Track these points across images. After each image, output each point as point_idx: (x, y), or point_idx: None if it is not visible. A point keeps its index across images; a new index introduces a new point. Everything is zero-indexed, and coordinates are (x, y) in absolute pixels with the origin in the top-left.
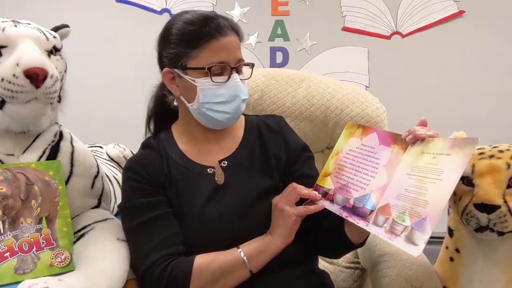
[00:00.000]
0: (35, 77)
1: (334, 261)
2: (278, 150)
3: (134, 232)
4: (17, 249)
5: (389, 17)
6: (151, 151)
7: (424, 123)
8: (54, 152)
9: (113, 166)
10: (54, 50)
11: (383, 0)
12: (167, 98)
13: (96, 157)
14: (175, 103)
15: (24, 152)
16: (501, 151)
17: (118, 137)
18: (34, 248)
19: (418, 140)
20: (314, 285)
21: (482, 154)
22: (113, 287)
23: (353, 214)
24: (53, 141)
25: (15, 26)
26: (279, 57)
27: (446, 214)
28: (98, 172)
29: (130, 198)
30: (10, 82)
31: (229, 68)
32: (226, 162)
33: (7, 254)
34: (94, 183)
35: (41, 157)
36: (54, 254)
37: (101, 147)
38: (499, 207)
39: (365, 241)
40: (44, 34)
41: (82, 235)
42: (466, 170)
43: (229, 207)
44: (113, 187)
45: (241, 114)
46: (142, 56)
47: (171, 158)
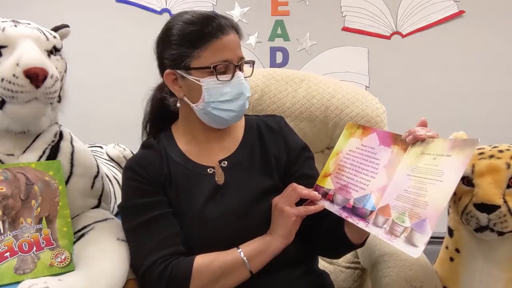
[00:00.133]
0: (35, 77)
1: (334, 261)
2: (278, 150)
3: (134, 232)
4: (17, 249)
5: (389, 17)
6: (151, 151)
7: (424, 124)
8: (54, 152)
9: (113, 166)
10: (54, 50)
11: (383, 0)
12: (167, 101)
13: (96, 157)
14: (178, 105)
15: (24, 152)
16: (501, 151)
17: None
18: (34, 248)
19: (418, 140)
20: (314, 285)
21: (482, 154)
22: (113, 287)
23: (353, 215)
24: (53, 141)
25: (15, 26)
26: (279, 57)
27: (446, 214)
28: (98, 172)
29: (130, 198)
30: (10, 82)
31: (232, 66)
32: (226, 162)
33: (7, 254)
34: (94, 183)
35: (41, 157)
36: (54, 254)
37: (101, 147)
38: (499, 207)
39: (365, 241)
40: (44, 34)
41: (82, 235)
42: (466, 170)
43: (229, 207)
44: (113, 187)
45: (244, 112)
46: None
47: (171, 158)
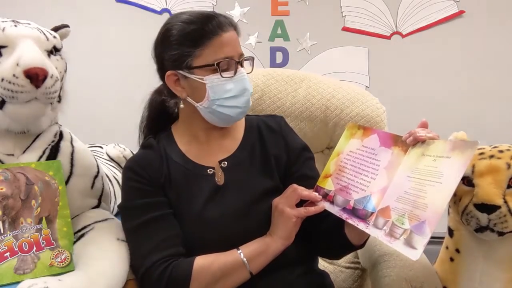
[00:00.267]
0: (35, 77)
1: (334, 261)
2: (278, 151)
3: (134, 232)
4: (17, 249)
5: (389, 17)
6: (151, 151)
7: (425, 125)
8: (54, 152)
9: (113, 166)
10: (54, 50)
11: (383, 0)
12: (168, 103)
13: (96, 157)
14: (182, 105)
15: (24, 152)
16: (501, 151)
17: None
18: (34, 248)
19: (419, 142)
20: (314, 285)
21: (482, 154)
22: (112, 287)
23: (353, 216)
24: (53, 141)
25: (15, 26)
26: (279, 57)
27: (446, 214)
28: (98, 172)
29: (130, 198)
30: (10, 82)
31: (234, 62)
32: (226, 163)
33: (7, 254)
34: (94, 183)
35: (41, 157)
36: (54, 254)
37: (101, 147)
38: (499, 207)
39: (365, 242)
40: (44, 34)
41: (82, 235)
42: (466, 170)
43: (229, 208)
44: (113, 187)
45: (249, 108)
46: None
47: (171, 158)
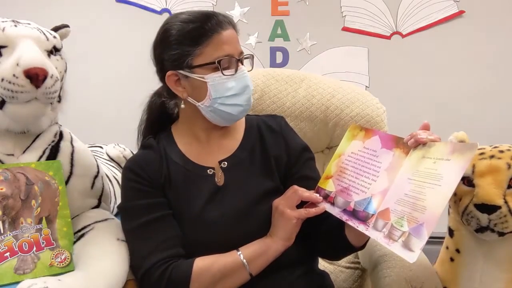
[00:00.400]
0: (35, 77)
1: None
2: (278, 151)
3: (134, 233)
4: (17, 249)
5: (389, 17)
6: (151, 152)
7: (426, 127)
8: (54, 152)
9: (113, 166)
10: (54, 50)
11: (383, 0)
12: (167, 104)
13: (96, 157)
14: (183, 105)
15: (24, 152)
16: (501, 151)
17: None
18: (34, 248)
19: (420, 144)
20: (314, 285)
21: (482, 154)
22: (112, 287)
23: (353, 218)
24: (53, 141)
25: (15, 26)
26: (279, 57)
27: (446, 214)
28: (98, 172)
29: (130, 199)
30: (10, 82)
31: (234, 60)
32: (226, 163)
33: (7, 254)
34: (94, 183)
35: (41, 157)
36: (54, 254)
37: (101, 147)
38: (500, 208)
39: (365, 244)
40: (44, 34)
41: (82, 235)
42: (467, 170)
43: (229, 209)
44: (113, 187)
45: (251, 107)
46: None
47: (171, 159)
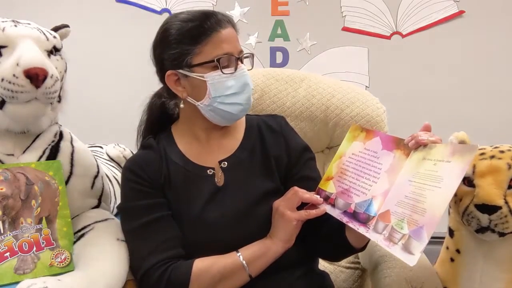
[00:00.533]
0: (35, 77)
1: None
2: (278, 151)
3: (133, 234)
4: (17, 249)
5: (389, 17)
6: (151, 152)
7: (427, 128)
8: (54, 152)
9: (113, 166)
10: (54, 50)
11: (383, 0)
12: (167, 104)
13: (96, 157)
14: (182, 105)
15: (24, 152)
16: (502, 152)
17: (118, 137)
18: (34, 248)
19: (421, 145)
20: (314, 286)
21: (483, 154)
22: (112, 287)
23: (353, 220)
24: (53, 141)
25: (15, 26)
26: (279, 57)
27: (446, 215)
28: (98, 172)
29: (129, 199)
30: (10, 82)
31: (234, 58)
32: (226, 163)
33: (7, 254)
34: (94, 183)
35: (41, 157)
36: (54, 254)
37: (101, 147)
38: (500, 208)
39: (366, 245)
40: (44, 34)
41: (82, 235)
42: (467, 170)
43: (228, 210)
44: (113, 187)
45: (251, 106)
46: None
47: (171, 159)
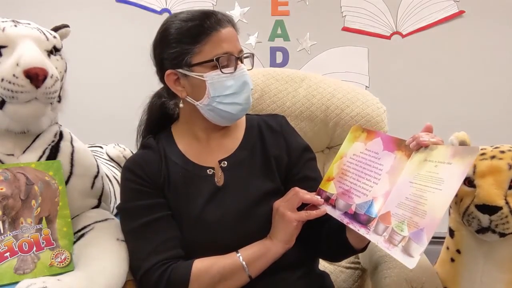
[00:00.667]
0: (35, 77)
1: None
2: (279, 151)
3: (133, 234)
4: (17, 249)
5: (389, 17)
6: (151, 152)
7: (429, 129)
8: (54, 152)
9: (113, 166)
10: (54, 50)
11: (383, 0)
12: (167, 104)
13: (96, 157)
14: (181, 105)
15: (24, 152)
16: (502, 152)
17: (118, 137)
18: (34, 248)
19: (422, 147)
20: (314, 286)
21: (483, 154)
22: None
23: (354, 221)
24: (53, 141)
25: (15, 26)
26: (279, 57)
27: (447, 215)
28: (98, 172)
29: (129, 200)
30: (10, 82)
31: (234, 58)
32: (226, 163)
33: (7, 254)
34: (94, 183)
35: (41, 157)
36: (54, 254)
37: (101, 147)
38: (501, 208)
39: (366, 246)
40: (44, 34)
41: (82, 235)
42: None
43: (228, 210)
44: (113, 187)
45: (250, 106)
46: (142, 56)
47: (170, 159)
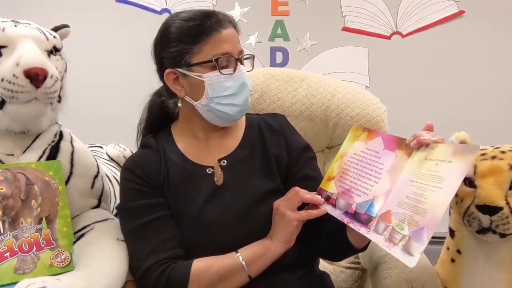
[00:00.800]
0: (35, 77)
1: None
2: (279, 151)
3: (132, 234)
4: (17, 249)
5: (389, 17)
6: (150, 151)
7: (429, 128)
8: (54, 152)
9: (113, 166)
10: (54, 50)
11: (383, 0)
12: (167, 103)
13: (96, 157)
14: (180, 104)
15: (24, 152)
16: (503, 152)
17: (118, 137)
18: (34, 248)
19: (423, 145)
20: (314, 286)
21: (484, 155)
22: (111, 287)
23: (354, 220)
24: (53, 141)
25: (15, 26)
26: (279, 57)
27: (447, 215)
28: (98, 172)
29: (128, 199)
30: (10, 82)
31: (233, 59)
32: (225, 162)
33: (7, 254)
34: (94, 183)
35: (41, 157)
36: (54, 254)
37: (101, 147)
38: (502, 209)
39: (367, 245)
40: (44, 34)
41: (82, 235)
42: (468, 171)
43: (228, 209)
44: (113, 187)
45: (249, 107)
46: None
47: (170, 158)
